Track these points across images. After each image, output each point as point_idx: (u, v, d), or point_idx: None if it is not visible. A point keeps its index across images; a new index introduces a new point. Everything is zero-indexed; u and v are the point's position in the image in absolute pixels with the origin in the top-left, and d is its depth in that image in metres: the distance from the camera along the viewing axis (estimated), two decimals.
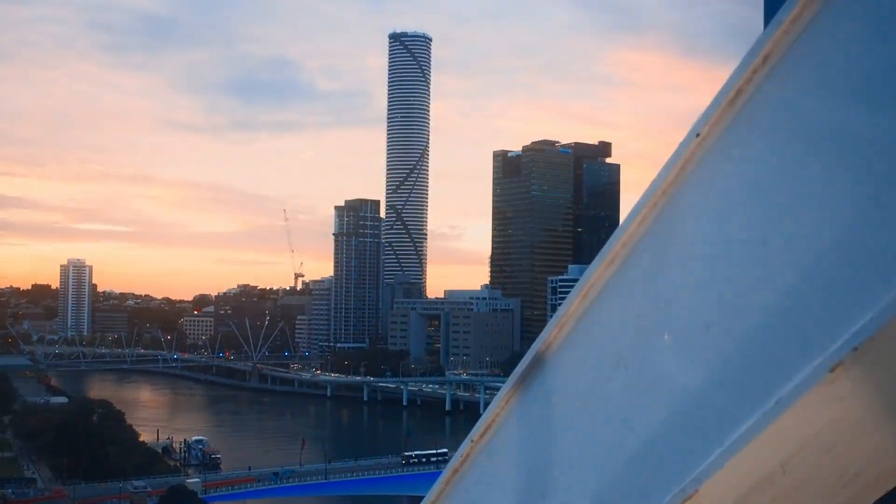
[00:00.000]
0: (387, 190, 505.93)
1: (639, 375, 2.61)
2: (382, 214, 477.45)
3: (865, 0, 2.34)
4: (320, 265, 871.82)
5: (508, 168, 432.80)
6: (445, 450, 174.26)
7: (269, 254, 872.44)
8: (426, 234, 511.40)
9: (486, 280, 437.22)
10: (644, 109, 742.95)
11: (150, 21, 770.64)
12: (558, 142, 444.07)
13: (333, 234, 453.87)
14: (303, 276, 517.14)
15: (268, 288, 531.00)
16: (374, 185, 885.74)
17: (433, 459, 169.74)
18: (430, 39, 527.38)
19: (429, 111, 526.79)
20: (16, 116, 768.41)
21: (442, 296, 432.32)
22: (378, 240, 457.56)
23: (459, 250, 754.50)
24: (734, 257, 2.51)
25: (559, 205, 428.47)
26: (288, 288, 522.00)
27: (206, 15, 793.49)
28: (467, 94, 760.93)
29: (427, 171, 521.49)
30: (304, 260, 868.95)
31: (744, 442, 2.27)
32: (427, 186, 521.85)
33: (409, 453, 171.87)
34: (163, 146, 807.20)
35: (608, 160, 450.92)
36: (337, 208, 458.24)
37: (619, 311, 3.03)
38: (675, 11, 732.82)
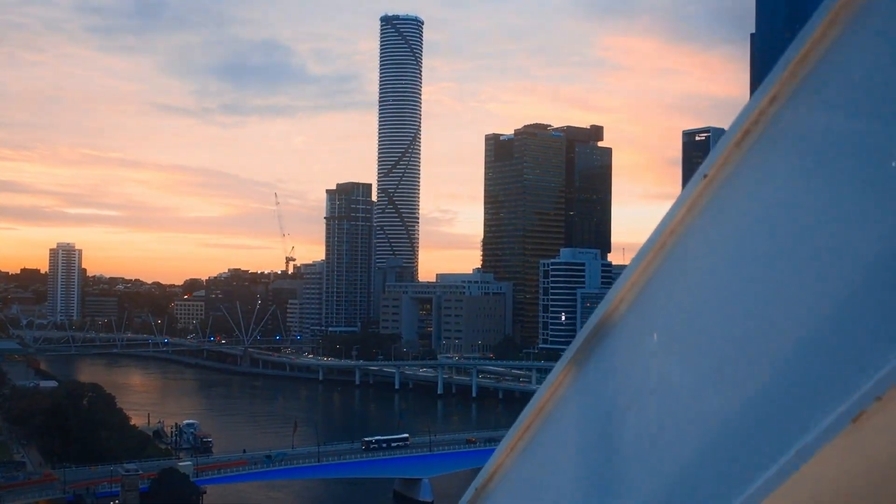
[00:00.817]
0: (378, 173, 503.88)
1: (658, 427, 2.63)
2: (374, 198, 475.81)
3: (871, 46, 2.28)
4: (312, 249, 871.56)
5: (500, 152, 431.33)
6: (406, 435, 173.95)
7: (260, 238, 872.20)
8: (418, 218, 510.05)
9: (478, 264, 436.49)
10: (636, 93, 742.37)
11: (139, 3, 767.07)
12: (550, 125, 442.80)
13: (325, 218, 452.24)
14: (294, 260, 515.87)
15: (259, 272, 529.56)
16: (365, 170, 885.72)
17: (393, 445, 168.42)
18: (422, 22, 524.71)
19: (420, 94, 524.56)
20: (5, 99, 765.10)
21: (434, 280, 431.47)
22: (370, 223, 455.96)
23: (451, 234, 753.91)
24: (748, 301, 2.45)
25: (551, 188, 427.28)
26: (279, 272, 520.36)
27: None
28: (459, 77, 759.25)
29: (419, 154, 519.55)
30: (296, 244, 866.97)
31: (762, 495, 2.23)
32: (419, 170, 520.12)
33: (370, 439, 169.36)
34: (153, 130, 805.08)
35: (600, 144, 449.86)
36: (328, 192, 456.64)
37: (621, 360, 3.02)
38: None
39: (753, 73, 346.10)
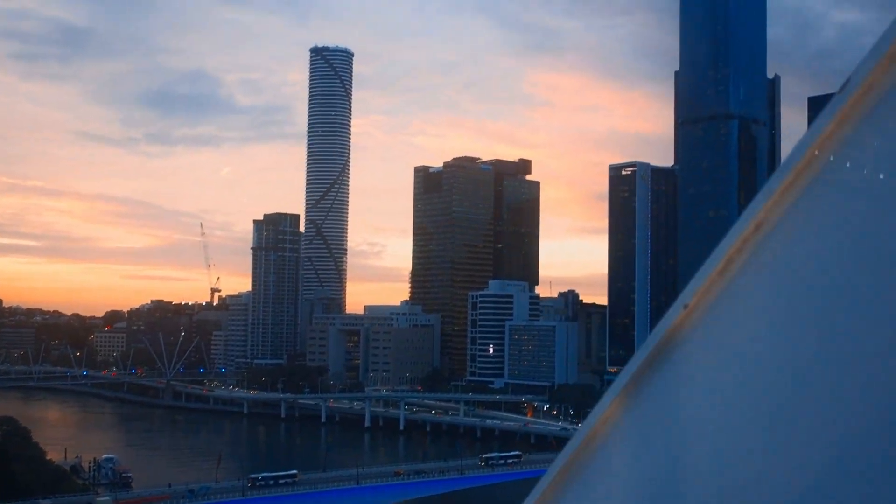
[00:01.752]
0: (307, 204, 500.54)
1: None
2: (302, 229, 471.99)
3: (856, 170, 2.22)
4: (238, 281, 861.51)
5: (429, 184, 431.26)
6: (295, 471, 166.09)
7: (185, 270, 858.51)
8: (346, 250, 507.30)
9: (406, 297, 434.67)
10: (563, 129, 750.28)
11: (65, 30, 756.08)
12: (479, 158, 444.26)
13: (252, 249, 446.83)
14: (219, 291, 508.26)
15: (183, 303, 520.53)
16: (294, 200, 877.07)
17: (281, 482, 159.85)
18: (352, 54, 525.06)
19: (350, 126, 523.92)
20: None
21: (362, 312, 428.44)
22: (297, 254, 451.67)
23: (379, 267, 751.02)
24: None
25: (479, 221, 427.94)
26: (204, 303, 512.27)
27: (124, 25, 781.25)
28: (389, 110, 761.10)
29: (347, 186, 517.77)
30: (222, 276, 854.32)
31: None
32: (347, 201, 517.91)
33: (256, 476, 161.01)
34: (76, 158, 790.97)
35: (528, 177, 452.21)
36: (256, 222, 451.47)
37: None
38: (594, 34, 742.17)
39: (678, 110, 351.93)
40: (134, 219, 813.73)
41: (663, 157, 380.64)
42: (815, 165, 2.31)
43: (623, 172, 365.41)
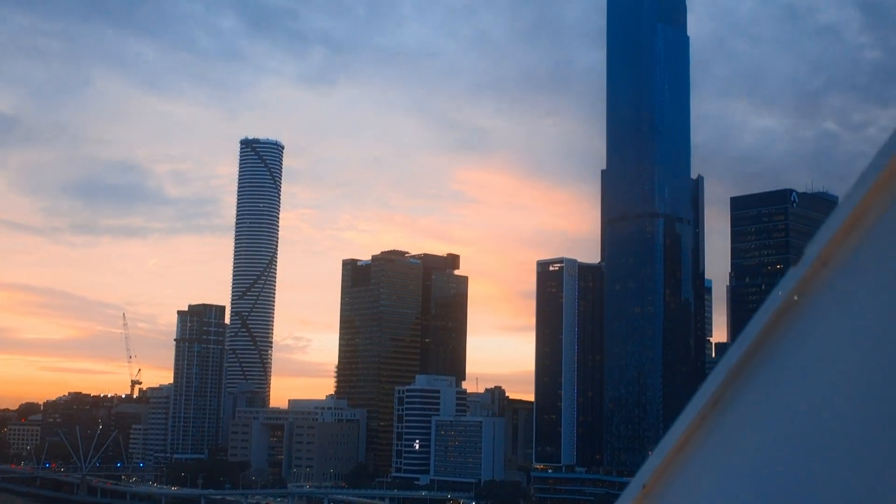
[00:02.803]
0: (233, 296, 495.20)
1: None
2: (227, 321, 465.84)
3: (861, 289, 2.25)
4: (160, 375, 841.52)
5: (357, 277, 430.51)
6: None
7: (105, 362, 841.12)
8: (272, 343, 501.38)
9: (332, 392, 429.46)
10: (491, 226, 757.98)
11: None
12: (408, 252, 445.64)
13: (175, 340, 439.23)
14: (140, 383, 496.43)
15: (102, 395, 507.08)
16: (220, 293, 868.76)
17: None
18: (283, 147, 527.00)
19: (278, 219, 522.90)
20: None
21: (286, 406, 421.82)
22: (222, 346, 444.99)
23: (305, 362, 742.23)
24: None
25: (407, 315, 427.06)
26: (124, 396, 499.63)
27: (53, 114, 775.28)
28: (318, 204, 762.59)
29: (274, 279, 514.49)
30: (145, 369, 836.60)
31: None
32: (274, 294, 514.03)
33: None
34: None
35: (456, 272, 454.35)
36: (180, 313, 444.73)
37: None
38: (522, 133, 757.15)
39: (604, 208, 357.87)
40: (54, 309, 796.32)
41: (590, 254, 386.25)
42: None
43: (551, 268, 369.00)
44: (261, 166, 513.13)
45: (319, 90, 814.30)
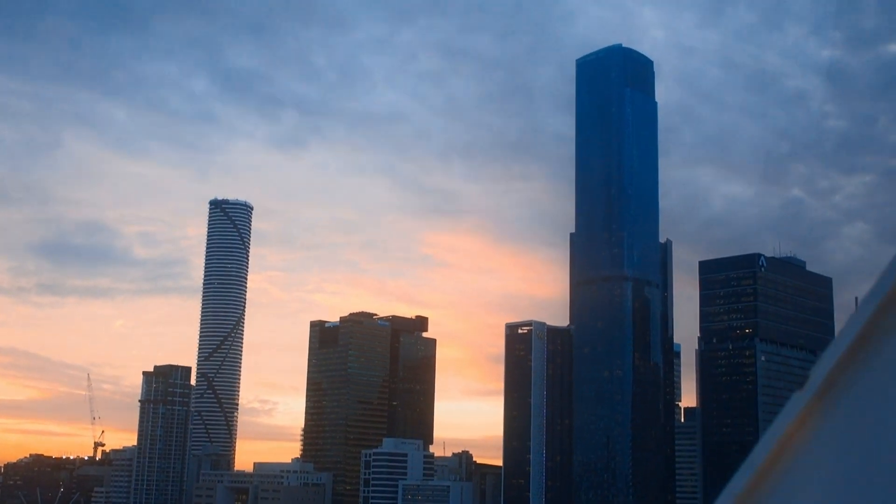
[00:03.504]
0: (199, 357, 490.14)
1: None
2: (193, 382, 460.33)
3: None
4: (124, 437, 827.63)
5: (325, 338, 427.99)
6: None
7: (68, 424, 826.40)
8: (237, 405, 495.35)
9: (298, 455, 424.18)
10: (460, 290, 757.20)
11: None
12: (376, 315, 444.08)
13: (140, 401, 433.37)
14: (103, 445, 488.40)
15: (64, 457, 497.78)
16: (186, 353, 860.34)
17: None
18: (252, 208, 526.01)
19: (246, 280, 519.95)
20: None
21: (251, 469, 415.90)
22: (187, 408, 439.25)
23: (270, 426, 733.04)
24: None
25: (375, 377, 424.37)
26: (87, 458, 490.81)
27: (22, 175, 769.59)
28: (287, 266, 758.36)
29: (241, 340, 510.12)
30: (108, 431, 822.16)
31: None
32: (240, 356, 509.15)
33: None
34: None
35: (425, 335, 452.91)
36: (145, 374, 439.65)
37: None
38: (492, 198, 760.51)
39: (573, 271, 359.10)
40: (17, 370, 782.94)
41: (559, 318, 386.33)
42: None
43: (520, 331, 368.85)
44: (230, 227, 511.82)
45: (290, 153, 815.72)
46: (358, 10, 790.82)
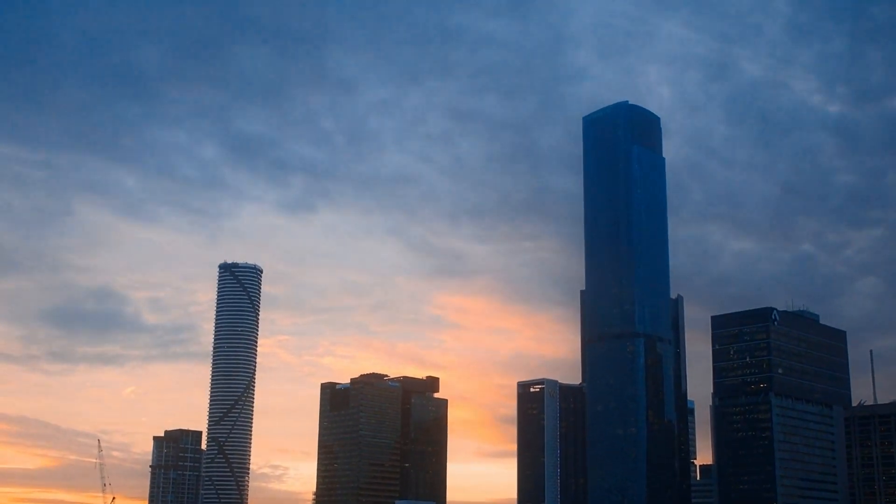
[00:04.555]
0: (209, 422, 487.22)
1: None
2: (204, 446, 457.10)
3: None
4: None
5: (336, 401, 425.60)
6: None
7: (78, 493, 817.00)
8: (249, 470, 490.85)
9: None
10: (471, 350, 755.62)
11: None
12: (387, 375, 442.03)
13: (150, 467, 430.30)
14: None
15: None
16: (196, 418, 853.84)
17: None
18: (262, 271, 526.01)
19: (256, 344, 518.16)
20: None
21: None
22: (198, 473, 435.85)
23: (281, 491, 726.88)
24: None
25: (386, 439, 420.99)
26: None
27: (33, 242, 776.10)
28: (297, 330, 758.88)
29: (252, 404, 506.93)
30: (119, 498, 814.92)
31: None
32: (251, 420, 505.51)
33: None
34: None
35: (436, 395, 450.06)
36: (156, 438, 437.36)
37: None
38: (501, 258, 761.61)
39: (584, 329, 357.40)
40: (26, 439, 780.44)
41: (571, 376, 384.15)
42: None
43: (532, 389, 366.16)
44: (240, 291, 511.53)
45: (299, 216, 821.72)
46: (366, 73, 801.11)
